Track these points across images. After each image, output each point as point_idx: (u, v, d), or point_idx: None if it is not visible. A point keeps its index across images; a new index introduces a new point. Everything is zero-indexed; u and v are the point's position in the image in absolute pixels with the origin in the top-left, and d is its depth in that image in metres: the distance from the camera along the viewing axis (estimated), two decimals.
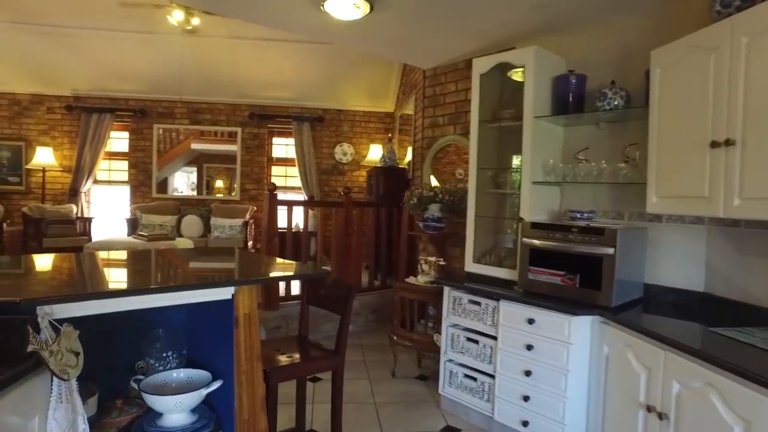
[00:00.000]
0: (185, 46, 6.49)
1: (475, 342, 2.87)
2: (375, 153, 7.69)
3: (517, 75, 3.09)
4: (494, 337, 2.75)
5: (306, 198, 7.75)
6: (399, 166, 6.40)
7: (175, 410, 1.63)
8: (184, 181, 8.06)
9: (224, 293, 1.63)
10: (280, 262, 2.31)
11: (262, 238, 4.63)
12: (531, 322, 2.52)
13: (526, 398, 2.54)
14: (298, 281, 4.10)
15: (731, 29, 1.85)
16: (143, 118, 7.67)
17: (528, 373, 2.53)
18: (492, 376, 2.75)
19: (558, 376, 2.41)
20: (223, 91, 7.56)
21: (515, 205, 3.11)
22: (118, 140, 7.81)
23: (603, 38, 2.90)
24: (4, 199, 7.35)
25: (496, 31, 3.28)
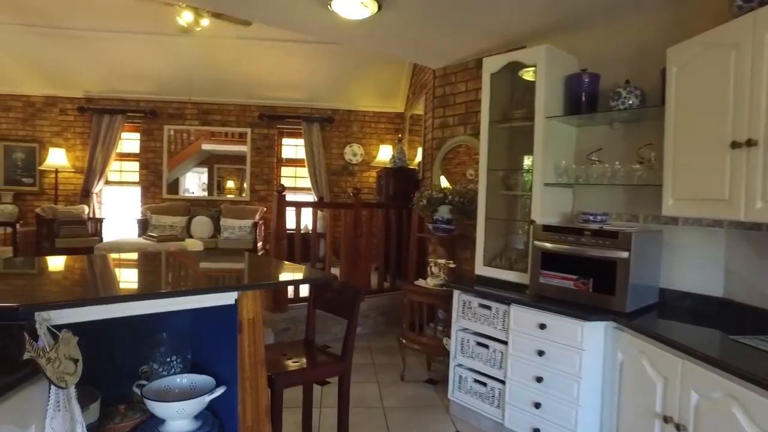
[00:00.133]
0: (195, 48, 6.50)
1: (485, 347, 2.82)
2: (385, 154, 7.64)
3: (528, 74, 3.04)
4: (505, 342, 2.69)
5: (316, 199, 7.73)
6: (409, 166, 6.35)
7: (177, 417, 1.60)
8: (195, 182, 8.09)
9: (227, 298, 1.60)
10: (287, 266, 2.28)
11: (271, 239, 4.61)
12: (542, 327, 2.46)
13: (538, 405, 2.48)
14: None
15: (753, 24, 1.78)
16: (154, 119, 7.71)
17: (539, 380, 2.47)
18: (502, 382, 2.70)
19: (570, 382, 2.34)
20: (232, 92, 7.57)
21: (526, 206, 3.05)
22: (129, 141, 7.87)
23: (616, 36, 2.83)
24: (18, 199, 7.45)
25: (507, 29, 3.23)
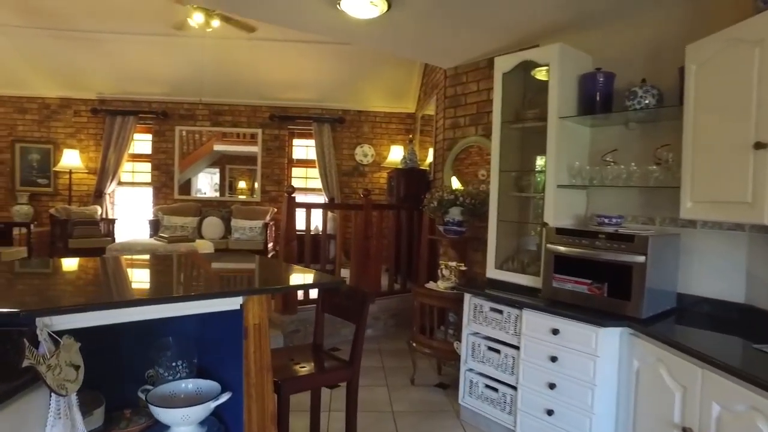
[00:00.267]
0: (206, 49, 6.51)
1: (497, 351, 2.76)
2: (396, 154, 7.60)
3: (541, 74, 2.97)
4: (516, 347, 2.63)
5: (326, 200, 7.71)
6: (420, 167, 6.30)
7: (181, 423, 1.58)
8: (208, 182, 8.12)
9: (232, 304, 1.57)
10: (294, 269, 2.25)
11: (280, 241, 4.59)
12: (555, 332, 2.40)
13: (550, 412, 2.42)
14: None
15: None
16: (165, 120, 7.76)
17: (552, 386, 2.41)
18: (514, 388, 2.64)
19: (584, 390, 2.28)
20: (243, 93, 7.59)
21: (539, 208, 2.99)
22: (142, 142, 7.92)
23: (632, 34, 2.76)
24: (34, 200, 7.54)
25: (519, 28, 3.17)
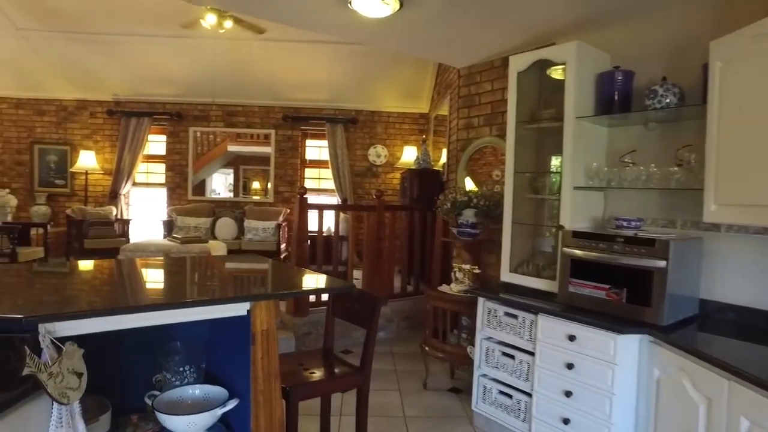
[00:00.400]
0: (219, 50, 6.53)
1: (511, 357, 2.70)
2: (409, 155, 7.54)
3: (557, 73, 2.90)
4: (531, 353, 2.57)
5: (339, 200, 7.68)
6: (434, 168, 6.23)
7: (187, 430, 1.55)
8: (222, 183, 8.15)
9: (239, 309, 1.53)
10: (304, 273, 2.21)
11: (292, 242, 4.57)
12: (572, 338, 2.33)
13: (566, 421, 2.35)
14: None
15: None
16: (179, 122, 7.80)
17: (568, 394, 2.34)
18: (529, 395, 2.58)
19: (602, 399, 2.21)
20: (256, 94, 7.59)
21: (555, 208, 2.91)
22: (156, 143, 7.99)
23: (652, 30, 2.67)
24: (51, 201, 7.65)
25: (535, 26, 3.10)
